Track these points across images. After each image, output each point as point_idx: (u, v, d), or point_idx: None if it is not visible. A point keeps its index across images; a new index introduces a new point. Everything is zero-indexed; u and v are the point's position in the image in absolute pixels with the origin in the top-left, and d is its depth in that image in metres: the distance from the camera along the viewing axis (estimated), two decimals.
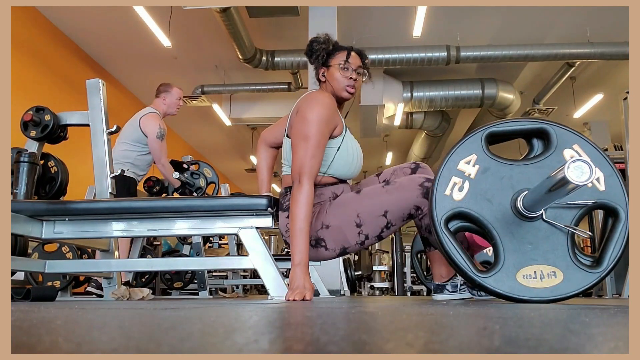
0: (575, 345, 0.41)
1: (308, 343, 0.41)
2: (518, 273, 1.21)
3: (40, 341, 0.42)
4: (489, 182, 1.26)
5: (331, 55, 1.90)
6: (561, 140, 1.28)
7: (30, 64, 5.61)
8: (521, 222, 1.24)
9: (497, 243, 1.23)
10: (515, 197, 1.24)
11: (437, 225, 1.26)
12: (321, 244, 1.78)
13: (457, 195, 1.27)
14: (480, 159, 1.29)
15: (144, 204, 1.92)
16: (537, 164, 1.29)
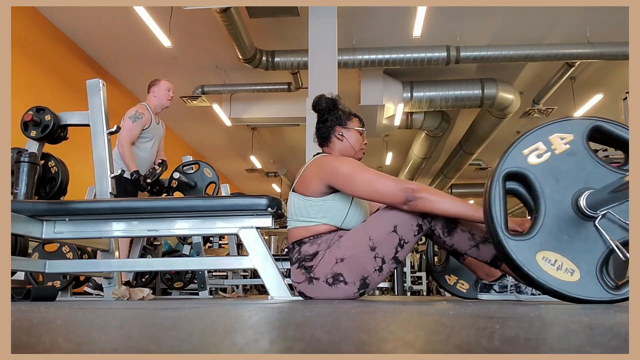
0: (575, 345, 0.41)
1: (308, 343, 0.41)
2: (540, 252, 1.20)
3: (40, 341, 0.42)
4: (568, 166, 1.24)
5: (349, 117, 2.03)
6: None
7: (30, 64, 5.61)
8: (573, 215, 1.23)
9: (538, 218, 1.22)
10: (582, 192, 1.22)
11: (496, 174, 1.24)
12: (339, 279, 1.75)
13: (532, 159, 1.25)
14: (574, 141, 1.26)
15: (144, 204, 1.92)
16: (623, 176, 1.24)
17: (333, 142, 2.01)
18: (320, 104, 2.03)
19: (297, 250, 1.85)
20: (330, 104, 2.02)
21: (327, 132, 2.01)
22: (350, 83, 7.08)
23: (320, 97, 2.04)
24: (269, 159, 11.63)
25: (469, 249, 1.73)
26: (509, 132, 9.47)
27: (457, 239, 1.73)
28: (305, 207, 1.85)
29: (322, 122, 2.02)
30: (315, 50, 5.30)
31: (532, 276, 1.19)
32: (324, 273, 1.76)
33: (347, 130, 2.00)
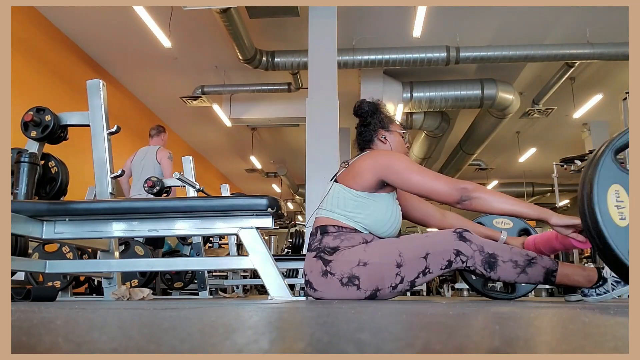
0: (575, 345, 0.41)
1: (308, 343, 0.41)
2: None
3: (40, 341, 0.42)
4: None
5: (391, 121, 2.06)
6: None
7: (30, 64, 5.61)
8: None
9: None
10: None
11: (603, 150, 1.19)
12: (354, 282, 1.74)
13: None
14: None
15: (144, 204, 1.92)
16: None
17: (376, 145, 2.02)
18: (362, 108, 2.05)
19: (319, 239, 1.86)
20: (372, 108, 2.04)
21: (371, 136, 2.02)
22: (350, 83, 7.08)
23: (362, 102, 2.06)
24: (269, 159, 11.63)
25: (517, 277, 1.73)
26: (508, 133, 9.48)
27: (501, 272, 1.72)
28: (346, 200, 1.86)
29: (365, 125, 2.04)
30: (315, 51, 5.30)
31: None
32: (341, 271, 1.75)
33: (390, 134, 2.03)
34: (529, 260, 1.73)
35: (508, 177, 12.63)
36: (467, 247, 1.73)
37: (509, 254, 1.73)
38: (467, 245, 1.73)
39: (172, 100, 8.07)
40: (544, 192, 12.77)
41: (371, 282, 1.74)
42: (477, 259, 1.72)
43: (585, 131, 7.72)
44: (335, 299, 1.75)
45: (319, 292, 1.80)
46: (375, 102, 2.07)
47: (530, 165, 11.41)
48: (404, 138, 2.06)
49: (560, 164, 5.27)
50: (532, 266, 1.72)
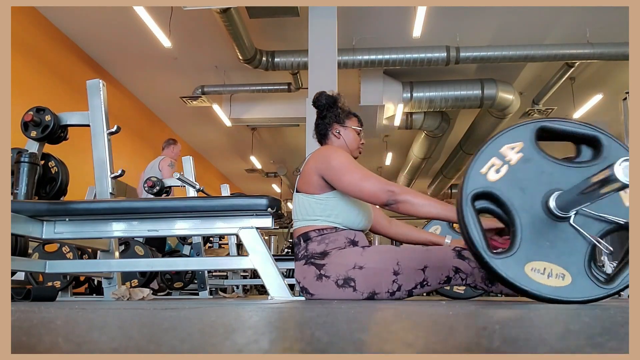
0: (575, 345, 0.41)
1: (308, 343, 0.41)
2: (527, 264, 1.20)
3: (40, 341, 0.42)
4: (527, 173, 1.25)
5: (348, 116, 2.06)
6: (612, 153, 1.25)
7: (30, 64, 5.61)
8: (547, 219, 1.23)
9: (516, 231, 1.23)
10: (549, 194, 1.23)
11: (463, 198, 1.25)
12: (350, 284, 1.75)
13: (492, 175, 1.26)
14: (526, 147, 1.28)
15: (144, 204, 1.92)
16: (581, 169, 1.26)
17: (330, 139, 2.03)
18: (320, 101, 2.04)
19: (303, 247, 1.86)
20: (330, 101, 2.04)
21: (325, 129, 2.03)
22: (350, 83, 7.08)
23: (321, 94, 2.05)
24: (269, 159, 11.63)
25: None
26: None
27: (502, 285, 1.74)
28: (310, 205, 1.87)
29: (321, 118, 2.04)
30: (315, 51, 5.30)
31: (526, 289, 1.19)
32: (336, 273, 1.76)
33: (345, 129, 2.03)
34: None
35: None
36: (466, 265, 1.74)
37: None
38: (465, 263, 1.74)
39: (172, 100, 8.07)
40: None
41: (367, 285, 1.74)
42: (477, 276, 1.73)
43: None
44: (335, 299, 1.75)
45: (316, 295, 1.81)
46: (334, 95, 2.06)
47: None
48: (359, 135, 2.06)
49: None
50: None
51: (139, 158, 8.24)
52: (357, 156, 2.05)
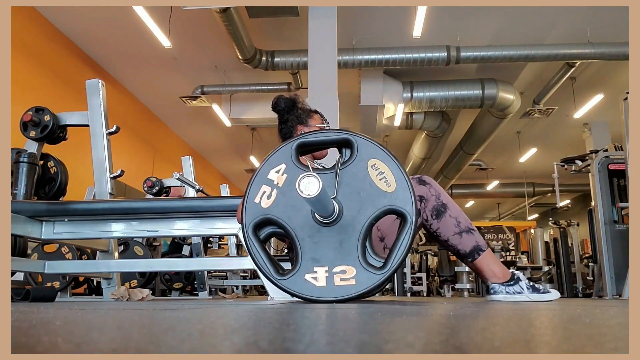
0: (575, 345, 0.40)
1: (308, 344, 0.40)
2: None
3: (39, 342, 0.41)
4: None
5: (309, 115, 2.04)
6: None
7: (29, 64, 5.61)
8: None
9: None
10: None
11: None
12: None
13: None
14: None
15: (144, 205, 1.92)
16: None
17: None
18: (279, 105, 2.03)
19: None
20: (289, 104, 2.03)
21: (289, 132, 2.02)
22: (350, 83, 7.08)
23: (279, 98, 2.04)
24: None
25: (452, 236, 1.75)
26: (509, 133, 9.48)
27: (442, 224, 1.74)
28: None
29: (283, 122, 2.03)
30: (315, 50, 5.30)
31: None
32: None
33: (309, 128, 2.02)
34: (470, 229, 1.75)
35: (508, 178, 12.63)
36: (426, 190, 1.76)
37: (458, 213, 1.76)
38: (426, 188, 1.76)
39: (171, 100, 8.07)
40: (544, 192, 12.78)
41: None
42: (430, 204, 1.75)
43: (585, 131, 7.72)
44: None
45: None
46: (292, 97, 2.05)
47: (531, 165, 11.41)
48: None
49: (560, 164, 5.27)
50: (469, 234, 1.74)
51: (139, 158, 8.24)
52: (327, 153, 2.05)
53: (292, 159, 1.37)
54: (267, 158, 1.38)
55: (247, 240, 1.33)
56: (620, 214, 4.58)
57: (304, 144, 1.39)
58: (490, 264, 1.75)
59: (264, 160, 1.39)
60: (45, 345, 0.39)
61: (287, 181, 1.35)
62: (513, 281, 1.74)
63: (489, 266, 1.75)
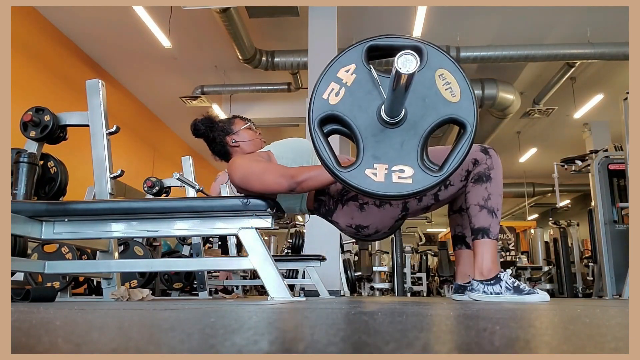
0: (575, 345, 0.40)
1: (308, 344, 0.40)
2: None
3: (39, 342, 0.41)
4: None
5: (230, 123, 2.06)
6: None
7: (29, 64, 5.61)
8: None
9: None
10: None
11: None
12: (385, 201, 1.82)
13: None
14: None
15: (144, 205, 1.92)
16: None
17: (233, 152, 2.02)
18: (199, 130, 2.03)
19: (327, 200, 1.89)
20: (207, 123, 2.03)
21: (223, 148, 2.02)
22: None
23: (195, 124, 2.04)
24: None
25: (474, 205, 1.78)
26: (509, 133, 9.48)
27: (475, 190, 1.78)
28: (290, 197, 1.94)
29: (212, 141, 2.03)
30: (315, 50, 5.30)
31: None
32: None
33: (237, 134, 2.03)
34: (494, 211, 1.79)
35: (508, 177, 12.63)
36: (484, 157, 1.81)
37: (495, 192, 1.81)
38: (485, 157, 1.81)
39: (171, 100, 8.07)
40: (544, 192, 12.78)
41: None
42: (478, 168, 1.80)
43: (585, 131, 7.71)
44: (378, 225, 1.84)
45: (371, 224, 1.85)
46: (206, 116, 2.06)
47: (531, 165, 11.41)
48: (251, 128, 2.06)
49: (560, 164, 5.27)
50: (490, 215, 1.77)
51: (138, 158, 8.24)
52: (263, 145, 2.06)
53: (363, 60, 1.39)
54: (339, 56, 1.40)
55: (312, 132, 1.36)
56: (620, 214, 4.58)
57: (376, 46, 1.40)
58: (486, 253, 1.73)
59: (335, 58, 1.40)
60: (45, 345, 0.39)
61: (356, 81, 1.38)
62: (494, 280, 1.71)
63: (483, 255, 1.74)
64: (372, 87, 1.38)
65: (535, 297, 1.69)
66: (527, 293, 1.69)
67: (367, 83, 1.38)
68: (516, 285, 1.71)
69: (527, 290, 1.70)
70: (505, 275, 1.73)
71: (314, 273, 3.98)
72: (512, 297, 1.68)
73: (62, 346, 0.39)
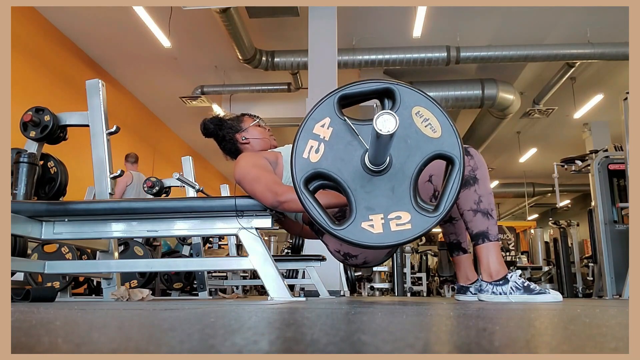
0: (575, 345, 0.40)
1: (308, 344, 0.40)
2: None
3: (39, 342, 0.41)
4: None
5: (240, 120, 2.05)
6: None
7: (29, 64, 5.61)
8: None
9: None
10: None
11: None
12: None
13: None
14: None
15: (144, 205, 1.92)
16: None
17: (243, 150, 2.02)
18: (208, 129, 2.05)
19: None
20: (216, 122, 2.04)
21: (233, 146, 2.02)
22: None
23: (203, 124, 2.06)
24: None
25: (467, 210, 1.75)
26: (509, 133, 9.48)
27: (464, 195, 1.75)
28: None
29: (221, 140, 2.04)
30: (315, 50, 5.30)
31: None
32: None
33: (247, 132, 2.02)
34: (489, 213, 1.74)
35: (508, 177, 12.64)
36: (465, 159, 1.75)
37: (484, 193, 1.76)
38: (467, 158, 1.76)
39: (171, 100, 8.07)
40: (544, 193, 12.78)
41: None
42: (467, 172, 1.76)
43: (585, 131, 7.71)
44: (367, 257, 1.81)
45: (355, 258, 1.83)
46: (214, 116, 2.07)
47: (531, 165, 11.41)
48: (261, 125, 2.05)
49: (560, 164, 5.27)
50: (485, 217, 1.73)
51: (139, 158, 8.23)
52: (275, 144, 2.05)
53: (336, 112, 1.37)
54: (310, 113, 1.38)
55: (299, 194, 1.34)
56: (620, 214, 4.58)
57: (345, 96, 1.39)
58: (490, 256, 1.72)
59: (307, 116, 1.38)
60: (45, 345, 0.39)
61: (334, 134, 1.36)
62: (502, 280, 1.70)
63: (487, 258, 1.72)
64: (350, 137, 1.36)
65: (546, 297, 1.67)
66: (538, 293, 1.67)
67: (345, 134, 1.37)
68: (526, 285, 1.69)
69: (537, 290, 1.68)
70: (513, 275, 1.71)
71: (314, 273, 3.98)
72: (522, 297, 1.67)
73: (62, 346, 0.39)
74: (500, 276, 1.71)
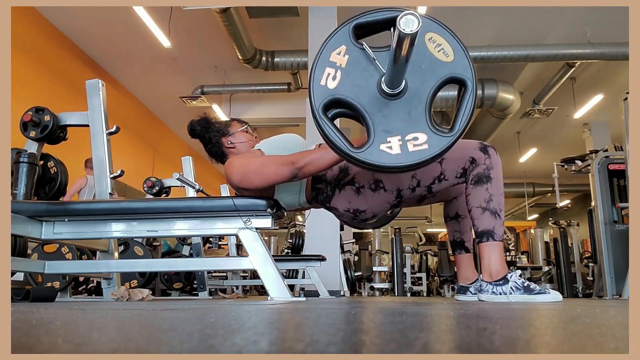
0: (575, 345, 0.40)
1: (308, 344, 0.40)
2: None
3: (39, 342, 0.41)
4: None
5: (227, 125, 2.06)
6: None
7: (29, 64, 5.60)
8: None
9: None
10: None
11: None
12: (380, 185, 1.82)
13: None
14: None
15: (144, 205, 1.92)
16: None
17: (228, 154, 2.02)
18: (195, 130, 2.03)
19: (322, 189, 1.89)
20: (203, 124, 2.03)
21: (219, 149, 2.02)
22: None
23: (191, 124, 2.04)
24: None
25: (476, 207, 1.76)
26: (509, 133, 9.48)
27: (475, 192, 1.76)
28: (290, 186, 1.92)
29: (207, 142, 2.03)
30: (315, 51, 5.29)
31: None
32: (367, 180, 1.82)
33: (233, 136, 2.03)
34: (497, 213, 1.75)
35: (508, 177, 12.63)
36: (483, 157, 1.79)
37: (496, 192, 1.78)
38: (484, 156, 1.79)
39: (171, 100, 8.07)
40: (544, 192, 12.78)
41: (393, 184, 1.80)
42: (477, 169, 1.78)
43: (585, 131, 7.71)
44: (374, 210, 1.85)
45: (367, 209, 1.85)
46: (203, 117, 2.05)
47: (531, 165, 11.41)
48: (248, 131, 2.07)
49: (560, 164, 5.27)
50: (493, 217, 1.74)
51: (139, 158, 8.24)
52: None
53: (351, 39, 1.40)
54: (327, 42, 1.42)
55: (319, 121, 1.35)
56: (620, 214, 4.58)
57: (360, 25, 1.42)
58: (492, 255, 1.72)
59: (323, 44, 1.42)
60: (45, 345, 0.39)
61: (350, 61, 1.39)
62: (502, 280, 1.70)
63: (490, 257, 1.73)
64: (367, 63, 1.39)
65: (546, 297, 1.67)
66: (538, 293, 1.67)
67: (361, 61, 1.40)
68: (526, 285, 1.69)
69: (537, 290, 1.67)
70: (513, 275, 1.71)
71: (314, 273, 3.98)
72: (522, 297, 1.67)
73: (62, 346, 0.39)
74: (501, 276, 1.71)
